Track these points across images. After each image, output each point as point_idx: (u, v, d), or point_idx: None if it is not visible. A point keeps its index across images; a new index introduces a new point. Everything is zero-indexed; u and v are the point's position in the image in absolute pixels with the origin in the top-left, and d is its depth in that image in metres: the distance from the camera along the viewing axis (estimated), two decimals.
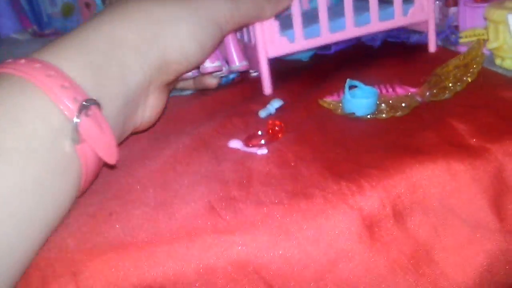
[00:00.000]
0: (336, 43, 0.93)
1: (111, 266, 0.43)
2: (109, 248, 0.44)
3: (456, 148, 0.49)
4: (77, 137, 0.45)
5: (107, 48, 0.51)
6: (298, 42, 0.74)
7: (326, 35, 0.75)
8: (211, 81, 0.77)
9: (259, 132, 0.61)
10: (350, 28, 0.76)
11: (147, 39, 0.54)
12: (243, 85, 0.85)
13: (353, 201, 0.45)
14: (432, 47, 0.82)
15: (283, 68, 0.79)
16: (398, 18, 0.78)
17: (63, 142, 0.44)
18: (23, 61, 0.45)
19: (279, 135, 0.60)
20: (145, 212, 0.48)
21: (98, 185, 0.55)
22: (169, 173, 0.56)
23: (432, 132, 0.53)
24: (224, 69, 0.78)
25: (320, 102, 0.66)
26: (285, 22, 0.74)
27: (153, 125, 0.65)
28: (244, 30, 0.76)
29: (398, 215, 0.45)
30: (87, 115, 0.45)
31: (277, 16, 0.72)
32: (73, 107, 0.44)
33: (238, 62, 0.78)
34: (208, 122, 0.69)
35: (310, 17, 0.77)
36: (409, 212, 0.46)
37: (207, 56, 0.64)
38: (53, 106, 0.44)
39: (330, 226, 0.44)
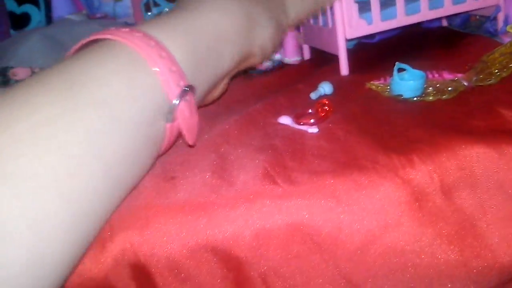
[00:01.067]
0: (380, 33, 0.95)
1: (175, 223, 0.46)
2: (173, 207, 0.48)
3: (503, 132, 0.51)
4: (171, 117, 0.49)
5: (211, 37, 0.55)
6: (376, 24, 0.78)
7: (402, 17, 0.79)
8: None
9: (309, 111, 0.64)
10: (425, 11, 0.79)
11: (243, 33, 0.58)
12: (288, 70, 0.88)
13: (404, 173, 0.47)
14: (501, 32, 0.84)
15: (329, 55, 0.81)
16: (470, 2, 0.82)
17: (159, 119, 0.48)
18: (139, 34, 0.48)
19: (328, 115, 0.62)
20: (204, 178, 0.52)
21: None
22: (223, 146, 0.59)
23: (480, 117, 0.55)
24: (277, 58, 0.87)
25: (368, 84, 0.68)
26: (362, 5, 0.77)
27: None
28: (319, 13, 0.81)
29: (446, 189, 0.48)
30: (184, 100, 0.48)
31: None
32: (176, 90, 0.48)
33: (291, 58, 0.92)
34: (256, 102, 0.72)
35: (386, 1, 0.80)
36: (456, 186, 0.48)
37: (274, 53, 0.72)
38: (160, 87, 0.48)
39: (380, 196, 0.46)
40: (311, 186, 0.47)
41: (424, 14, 0.80)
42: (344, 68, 0.79)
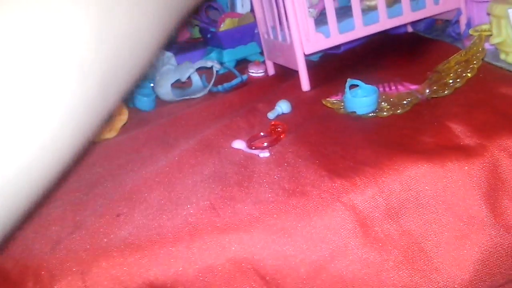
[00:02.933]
0: (345, 43, 0.94)
1: (116, 265, 0.45)
2: (114, 248, 0.46)
3: (451, 148, 0.50)
4: None
5: None
6: (334, 37, 0.76)
7: (360, 28, 0.77)
8: None
9: (261, 134, 0.63)
10: (383, 20, 0.78)
11: None
12: (251, 87, 0.87)
13: (347, 198, 0.46)
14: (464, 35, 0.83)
15: (291, 70, 0.80)
16: (430, 7, 0.80)
17: None
18: None
19: (281, 136, 0.61)
20: (149, 213, 0.50)
21: (107, 187, 0.58)
22: (174, 175, 0.58)
23: (429, 133, 0.53)
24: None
25: (324, 102, 0.67)
26: (318, 19, 0.76)
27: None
28: (278, 29, 0.79)
29: (392, 212, 0.46)
30: None
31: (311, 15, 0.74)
32: None
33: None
34: (215, 124, 0.71)
35: (342, 13, 0.79)
36: (402, 208, 0.47)
37: None
38: None
39: (324, 224, 0.45)
40: (254, 217, 0.46)
41: (383, 23, 0.78)
42: (304, 84, 0.77)
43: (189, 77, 0.92)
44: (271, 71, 0.92)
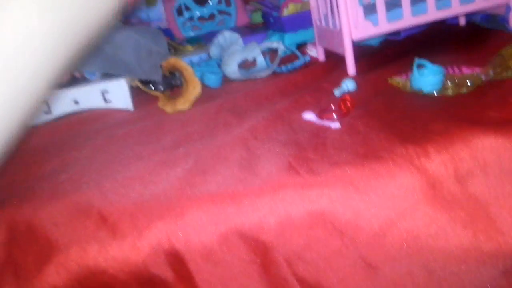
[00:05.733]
0: (405, 29, 0.97)
1: (206, 212, 0.51)
2: (205, 197, 0.52)
3: None
4: None
5: None
6: (382, 25, 0.80)
7: (408, 18, 0.80)
8: None
9: (332, 106, 0.67)
10: (432, 11, 0.81)
11: None
12: (314, 68, 0.91)
13: (419, 162, 0.50)
14: None
15: (354, 53, 0.84)
16: (478, 2, 0.82)
17: None
18: None
19: (350, 110, 0.65)
20: (233, 170, 0.56)
21: (190, 149, 0.63)
22: (250, 141, 0.63)
23: (495, 109, 0.57)
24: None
25: (390, 80, 0.71)
26: (368, 7, 0.80)
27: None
28: (329, 16, 0.83)
29: (460, 177, 0.50)
30: None
31: (361, 2, 0.78)
32: None
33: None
34: (282, 99, 0.76)
35: (391, 3, 0.82)
36: (470, 175, 0.50)
37: None
38: None
39: (397, 184, 0.50)
40: (331, 176, 0.51)
41: (431, 14, 0.81)
42: (351, 68, 0.81)
43: (254, 58, 0.97)
44: (322, 57, 0.95)
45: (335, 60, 0.89)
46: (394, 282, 0.50)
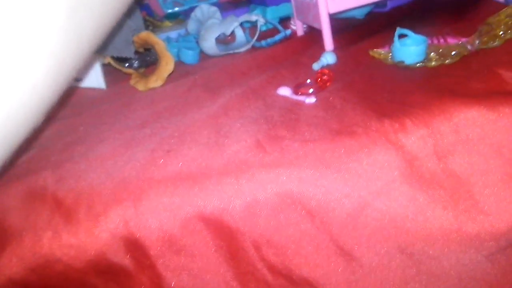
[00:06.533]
0: (392, 0, 0.93)
1: (167, 194, 0.47)
2: (165, 179, 0.48)
3: (501, 93, 0.49)
4: None
5: None
6: None
7: None
8: None
9: (308, 81, 0.63)
10: None
11: None
12: (294, 42, 0.87)
13: (395, 138, 0.46)
14: None
15: (337, 25, 0.79)
16: None
17: None
18: None
19: (327, 84, 0.61)
20: (199, 149, 0.52)
21: (157, 128, 0.60)
22: (221, 118, 0.59)
23: (479, 80, 0.53)
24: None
25: (371, 52, 0.67)
26: None
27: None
28: None
29: (440, 153, 0.46)
30: None
31: None
32: None
33: None
34: (259, 75, 0.72)
35: None
36: (451, 150, 0.47)
37: None
38: None
39: (371, 161, 0.46)
40: (301, 154, 0.47)
41: None
42: (328, 44, 0.76)
43: (233, 32, 0.93)
44: (300, 31, 0.90)
45: (316, 34, 0.85)
46: (368, 266, 0.46)
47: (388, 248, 0.46)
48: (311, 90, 0.60)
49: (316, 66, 0.69)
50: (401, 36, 0.63)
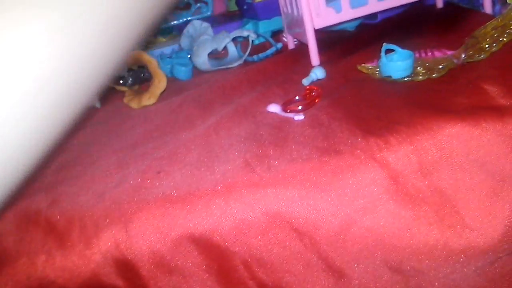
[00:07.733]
0: (383, 12, 0.94)
1: (157, 216, 0.47)
2: (156, 201, 0.49)
3: (486, 108, 0.50)
4: None
5: None
6: (345, 12, 0.75)
7: (374, 3, 0.76)
8: None
9: (297, 97, 0.64)
10: None
11: None
12: (284, 56, 0.88)
13: (380, 156, 0.47)
14: (488, 8, 0.81)
15: (327, 38, 0.81)
16: None
17: None
18: None
19: (316, 100, 0.62)
20: (188, 170, 0.53)
21: (148, 148, 0.60)
22: (211, 137, 0.60)
23: (464, 95, 0.53)
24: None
25: (359, 67, 0.68)
26: None
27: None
28: (293, 2, 0.78)
29: (425, 170, 0.47)
30: None
31: None
32: None
33: None
34: (250, 91, 0.73)
35: None
36: (435, 166, 0.47)
37: None
38: None
39: (357, 180, 0.46)
40: (288, 173, 0.48)
41: None
42: (314, 59, 0.76)
43: (225, 47, 0.94)
44: (291, 45, 0.91)
45: (306, 47, 0.86)
46: (358, 283, 0.47)
47: (376, 265, 0.46)
48: (300, 107, 0.61)
49: (305, 81, 0.70)
50: (388, 51, 0.64)
